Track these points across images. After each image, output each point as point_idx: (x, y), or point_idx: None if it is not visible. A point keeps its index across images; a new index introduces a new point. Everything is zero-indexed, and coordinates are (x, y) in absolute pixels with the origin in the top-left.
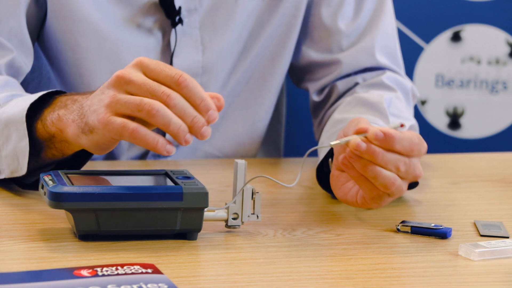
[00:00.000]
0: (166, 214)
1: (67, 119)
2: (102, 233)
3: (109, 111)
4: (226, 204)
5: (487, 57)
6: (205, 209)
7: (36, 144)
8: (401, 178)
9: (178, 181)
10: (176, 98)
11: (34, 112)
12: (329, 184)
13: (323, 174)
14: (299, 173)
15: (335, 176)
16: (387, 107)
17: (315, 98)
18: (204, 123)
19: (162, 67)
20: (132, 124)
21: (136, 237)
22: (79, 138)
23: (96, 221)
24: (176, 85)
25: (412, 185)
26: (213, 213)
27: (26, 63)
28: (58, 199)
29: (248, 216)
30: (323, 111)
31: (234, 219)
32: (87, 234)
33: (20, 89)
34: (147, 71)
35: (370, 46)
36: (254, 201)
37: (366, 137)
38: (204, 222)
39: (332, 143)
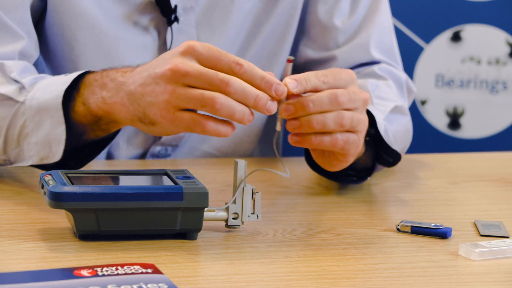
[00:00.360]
0: (166, 214)
1: (114, 103)
2: (102, 233)
3: (172, 107)
4: (226, 204)
5: (487, 57)
6: (205, 209)
7: (74, 128)
8: (349, 110)
9: (178, 181)
10: (235, 83)
11: (67, 94)
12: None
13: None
14: (282, 162)
15: (315, 155)
16: (371, 91)
17: None
18: (267, 99)
19: (216, 54)
20: (202, 120)
21: (136, 237)
22: (135, 124)
23: (96, 221)
24: (234, 74)
25: (395, 159)
26: (213, 213)
27: (36, 51)
28: (58, 199)
29: (248, 216)
30: None
31: (234, 219)
32: (87, 234)
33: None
34: (201, 60)
35: (365, 42)
36: (254, 201)
37: (289, 96)
38: (204, 222)
39: (277, 127)
